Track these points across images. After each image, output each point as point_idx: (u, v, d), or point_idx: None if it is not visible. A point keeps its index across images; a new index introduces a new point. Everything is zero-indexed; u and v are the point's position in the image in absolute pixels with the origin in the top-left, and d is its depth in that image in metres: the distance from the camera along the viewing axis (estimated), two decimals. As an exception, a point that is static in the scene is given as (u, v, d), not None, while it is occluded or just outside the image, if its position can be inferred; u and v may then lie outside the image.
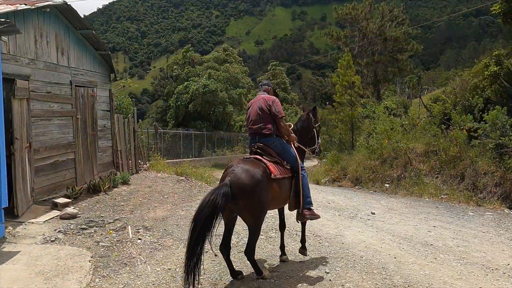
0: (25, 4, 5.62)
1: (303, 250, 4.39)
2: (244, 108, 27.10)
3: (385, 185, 11.23)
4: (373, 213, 7.35)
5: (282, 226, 4.38)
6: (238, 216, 3.66)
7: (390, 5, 26.50)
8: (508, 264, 4.43)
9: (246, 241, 3.67)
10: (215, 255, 4.12)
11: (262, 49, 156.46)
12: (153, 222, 5.65)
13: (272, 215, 5.88)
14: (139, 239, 4.87)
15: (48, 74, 6.54)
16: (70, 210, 5.65)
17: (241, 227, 5.23)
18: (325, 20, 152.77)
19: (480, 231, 6.16)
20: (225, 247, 3.66)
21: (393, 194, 10.28)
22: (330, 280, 3.84)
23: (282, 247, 4.42)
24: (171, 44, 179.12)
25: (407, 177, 10.83)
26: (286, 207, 4.25)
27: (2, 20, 4.56)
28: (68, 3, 6.65)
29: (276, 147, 3.94)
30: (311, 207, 4.05)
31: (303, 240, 4.42)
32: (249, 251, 3.55)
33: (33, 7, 5.74)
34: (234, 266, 3.78)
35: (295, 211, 4.12)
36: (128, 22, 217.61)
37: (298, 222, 4.28)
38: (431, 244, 5.22)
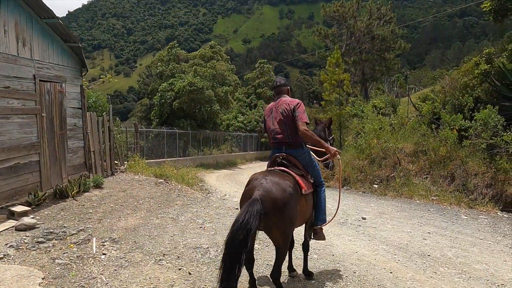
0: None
1: (309, 278, 3.84)
2: (230, 106, 26.52)
3: (374, 185, 10.94)
4: (364, 218, 6.92)
5: (291, 243, 3.89)
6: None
7: (378, 3, 26.30)
8: (514, 279, 4.03)
9: (273, 262, 3.13)
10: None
11: (250, 47, 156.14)
12: (122, 233, 5.06)
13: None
14: (104, 254, 4.28)
15: (6, 66, 5.85)
16: (27, 220, 5.00)
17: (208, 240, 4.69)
18: (313, 19, 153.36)
19: (477, 237, 5.78)
20: (248, 262, 3.16)
21: (382, 196, 9.95)
22: (319, 302, 3.35)
23: (290, 266, 3.92)
24: (157, 42, 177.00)
25: (396, 178, 10.54)
26: None
27: None
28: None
29: (304, 159, 3.50)
30: (323, 226, 3.63)
31: (305, 266, 3.86)
32: (276, 274, 3.05)
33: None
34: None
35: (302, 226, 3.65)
36: (114, 19, 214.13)
37: (309, 239, 3.81)
38: (429, 255, 4.78)
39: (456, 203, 8.75)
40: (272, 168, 3.40)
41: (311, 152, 3.65)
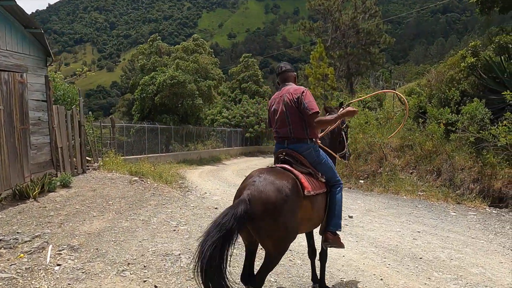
0: None
1: None
2: (214, 101, 25.92)
3: (360, 181, 10.69)
4: (351, 217, 6.57)
5: (312, 252, 3.47)
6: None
7: (363, -3, 26.05)
8: (514, 284, 3.70)
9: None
10: None
11: (235, 42, 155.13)
12: (84, 239, 4.53)
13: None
14: (58, 264, 3.76)
15: (-47, 53, 5.20)
16: (-26, 225, 4.42)
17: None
18: (298, 14, 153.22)
19: (469, 236, 5.49)
20: (249, 277, 2.71)
21: (369, 192, 9.69)
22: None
23: (314, 278, 3.50)
24: (141, 36, 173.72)
25: (383, 173, 10.31)
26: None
27: None
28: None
29: (310, 155, 3.04)
30: (338, 232, 3.15)
31: (321, 279, 3.41)
32: (258, 283, 2.60)
33: None
34: None
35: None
36: (96, 13, 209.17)
37: (324, 247, 3.37)
38: (421, 258, 4.43)
39: (443, 198, 8.58)
40: (273, 166, 3.02)
41: (320, 147, 3.21)
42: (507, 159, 8.14)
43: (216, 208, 6.74)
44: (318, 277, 3.44)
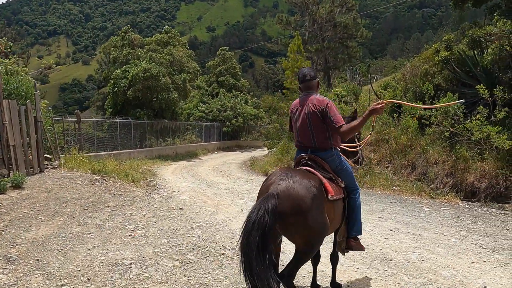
0: None
1: None
2: (190, 95, 25.31)
3: (335, 176, 10.49)
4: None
5: (317, 257, 3.36)
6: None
7: (340, -10, 25.90)
8: (485, 287, 3.52)
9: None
10: None
11: (214, 35, 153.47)
12: (25, 248, 4.07)
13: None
14: (-13, 280, 3.31)
15: None
16: None
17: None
18: (278, 7, 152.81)
19: (442, 234, 5.34)
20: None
21: (344, 187, 9.46)
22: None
23: (313, 283, 3.41)
24: (118, 28, 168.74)
25: (358, 167, 10.17)
26: None
27: None
28: None
29: (333, 162, 3.08)
30: (359, 236, 3.25)
31: (334, 283, 3.40)
32: (287, 276, 2.56)
33: None
34: None
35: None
36: (71, 4, 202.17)
37: (343, 254, 3.43)
38: (391, 259, 4.21)
39: (417, 193, 8.56)
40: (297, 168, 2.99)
41: (341, 154, 3.24)
42: (480, 153, 8.13)
43: (181, 208, 6.36)
44: (317, 283, 3.43)
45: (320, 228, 2.54)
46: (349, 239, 3.19)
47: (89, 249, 4.11)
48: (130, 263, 3.77)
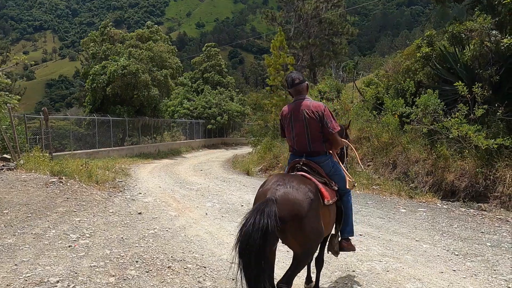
0: None
1: None
2: (172, 92, 24.75)
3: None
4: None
5: (320, 261, 3.37)
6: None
7: (326, -15, 25.54)
8: (452, 303, 3.18)
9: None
10: None
11: (204, 32, 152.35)
12: None
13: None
14: None
15: None
16: None
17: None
18: (267, 4, 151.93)
19: (413, 239, 5.02)
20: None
21: (323, 187, 9.15)
22: None
23: (308, 278, 3.47)
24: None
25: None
26: None
27: None
28: None
29: (327, 166, 3.16)
30: (350, 237, 3.36)
31: (316, 286, 3.41)
32: (285, 284, 2.52)
33: None
34: None
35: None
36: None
37: (328, 253, 3.43)
38: (354, 270, 3.85)
39: (396, 192, 8.32)
40: (292, 173, 3.00)
41: (334, 159, 3.30)
42: (459, 151, 7.89)
43: (140, 213, 5.91)
44: (313, 280, 3.45)
45: (317, 233, 2.60)
46: (341, 241, 3.31)
47: (15, 264, 3.65)
48: (57, 281, 3.32)
